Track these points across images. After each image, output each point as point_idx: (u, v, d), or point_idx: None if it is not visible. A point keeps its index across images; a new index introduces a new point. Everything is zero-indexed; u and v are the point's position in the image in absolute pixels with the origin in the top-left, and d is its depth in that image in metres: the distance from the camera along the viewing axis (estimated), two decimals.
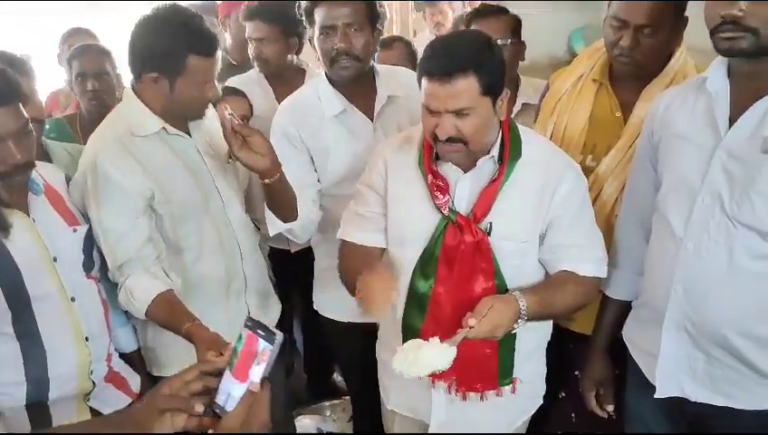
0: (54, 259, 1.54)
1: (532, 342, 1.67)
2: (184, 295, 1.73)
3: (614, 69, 1.83)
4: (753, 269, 1.34)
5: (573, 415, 2.02)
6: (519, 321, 1.47)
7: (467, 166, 1.55)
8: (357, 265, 1.56)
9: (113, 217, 1.66)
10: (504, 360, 1.60)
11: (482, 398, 1.64)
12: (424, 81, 1.46)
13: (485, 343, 1.52)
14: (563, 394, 2.05)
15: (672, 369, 1.48)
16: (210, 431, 0.98)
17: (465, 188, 1.56)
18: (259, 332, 0.96)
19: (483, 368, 1.59)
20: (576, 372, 1.94)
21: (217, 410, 0.97)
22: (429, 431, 1.72)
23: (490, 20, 2.14)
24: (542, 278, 1.62)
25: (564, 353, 2.01)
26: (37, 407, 1.56)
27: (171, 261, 1.77)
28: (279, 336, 0.95)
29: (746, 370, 1.39)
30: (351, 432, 2.67)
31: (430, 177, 1.55)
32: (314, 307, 2.27)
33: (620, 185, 1.76)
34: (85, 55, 2.40)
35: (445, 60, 1.43)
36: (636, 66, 1.74)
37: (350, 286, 1.63)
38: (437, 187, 1.55)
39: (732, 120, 1.37)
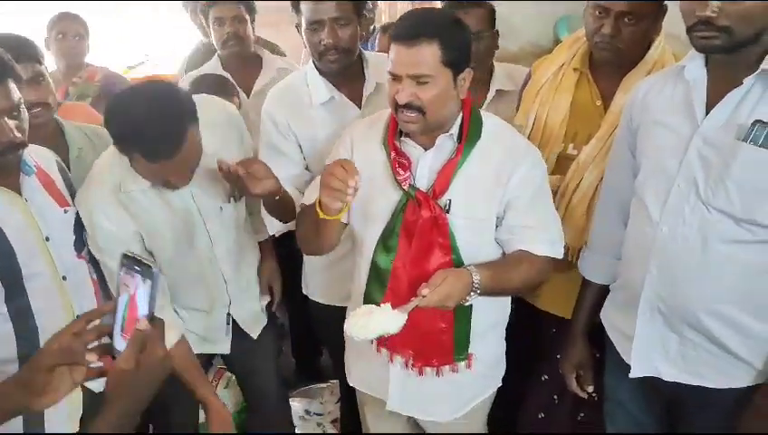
0: (47, 239, 1.55)
1: (489, 319, 1.71)
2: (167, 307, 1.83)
3: (594, 58, 1.86)
4: (726, 253, 1.37)
5: (556, 397, 2.07)
6: (471, 294, 1.51)
7: (428, 144, 1.59)
8: (313, 228, 1.60)
9: (114, 261, 1.67)
10: (460, 335, 1.64)
11: (438, 373, 1.68)
12: (391, 46, 1.51)
13: (440, 317, 1.58)
14: (546, 377, 2.10)
15: (646, 349, 1.52)
16: None
17: (425, 166, 1.60)
18: (136, 268, 0.95)
19: (438, 342, 1.63)
20: (558, 356, 1.99)
21: (117, 355, 0.97)
22: (387, 409, 1.77)
23: (468, 11, 2.14)
24: (498, 257, 1.66)
25: (546, 337, 2.06)
26: None
27: None
28: (156, 268, 0.94)
29: (718, 350, 1.44)
30: (339, 415, 2.71)
31: (393, 153, 1.59)
32: (303, 291, 2.30)
33: (600, 173, 1.78)
34: None
35: (412, 26, 1.49)
36: (616, 54, 1.76)
37: (304, 246, 1.71)
38: (399, 163, 1.59)
39: (708, 108, 1.40)
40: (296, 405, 2.78)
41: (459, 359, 1.67)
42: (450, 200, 1.57)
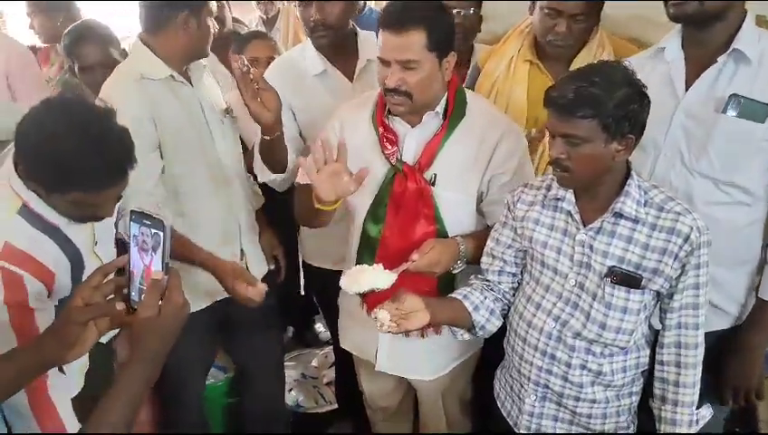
0: (95, 243, 1.59)
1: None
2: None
3: (546, 50, 1.98)
4: (706, 213, 1.51)
5: None
6: (458, 262, 1.65)
7: (415, 121, 1.69)
8: (310, 208, 1.64)
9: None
10: None
11: (422, 334, 1.77)
12: (380, 33, 1.59)
13: (425, 283, 1.68)
14: None
15: None
16: None
17: (412, 142, 1.70)
18: (146, 222, 1.00)
19: None
20: None
21: (135, 306, 1.03)
22: (375, 369, 1.90)
23: None
24: (480, 227, 1.78)
25: None
26: None
27: (170, 204, 1.87)
28: (167, 221, 0.98)
29: None
30: (333, 378, 2.81)
31: (381, 129, 1.70)
32: (299, 253, 2.43)
33: None
34: None
35: (399, 14, 1.57)
36: (569, 49, 1.93)
37: (301, 221, 1.84)
38: (387, 139, 1.69)
39: (687, 85, 1.57)
40: (292, 371, 2.91)
41: None
42: (435, 174, 1.68)
